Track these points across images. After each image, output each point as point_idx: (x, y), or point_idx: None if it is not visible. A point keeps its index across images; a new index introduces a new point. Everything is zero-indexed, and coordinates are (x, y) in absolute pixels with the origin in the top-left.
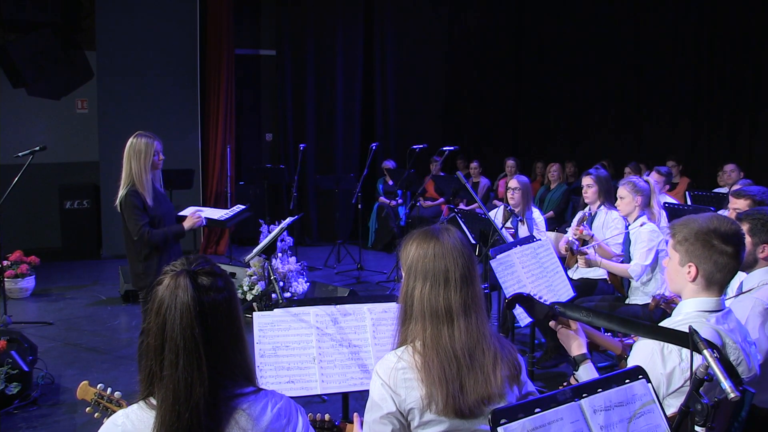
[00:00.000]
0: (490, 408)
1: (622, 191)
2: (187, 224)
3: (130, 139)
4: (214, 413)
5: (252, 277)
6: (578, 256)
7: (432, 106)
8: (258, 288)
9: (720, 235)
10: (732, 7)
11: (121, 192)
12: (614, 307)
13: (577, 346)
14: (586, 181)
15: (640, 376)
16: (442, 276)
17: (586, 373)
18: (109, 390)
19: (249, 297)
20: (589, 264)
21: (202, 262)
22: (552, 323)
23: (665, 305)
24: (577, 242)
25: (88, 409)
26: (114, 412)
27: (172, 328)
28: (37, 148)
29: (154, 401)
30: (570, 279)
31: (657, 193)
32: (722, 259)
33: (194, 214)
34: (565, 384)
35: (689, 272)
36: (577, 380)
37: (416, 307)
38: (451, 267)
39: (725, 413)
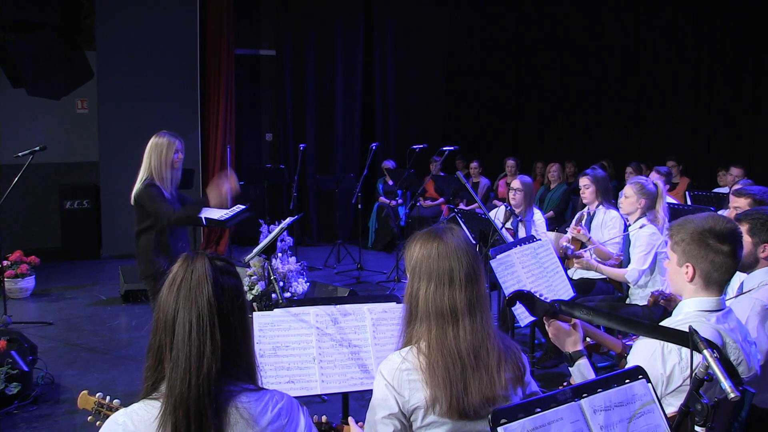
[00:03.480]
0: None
1: (628, 190)
2: (214, 191)
3: (153, 138)
4: (218, 395)
5: (252, 277)
6: (574, 260)
7: (432, 106)
8: (258, 288)
9: (715, 234)
10: (732, 7)
11: (138, 185)
12: (614, 307)
13: (572, 343)
14: (584, 181)
15: (640, 376)
16: (447, 276)
17: (581, 370)
18: (108, 398)
19: (249, 297)
20: (587, 267)
21: (214, 253)
22: (545, 318)
23: (665, 302)
24: (572, 247)
25: (89, 418)
26: None
27: (187, 298)
28: (37, 148)
29: (158, 394)
30: (570, 279)
31: (664, 197)
32: (719, 258)
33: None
34: (565, 384)
35: (687, 272)
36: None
37: (421, 308)
38: (456, 266)
39: (725, 413)
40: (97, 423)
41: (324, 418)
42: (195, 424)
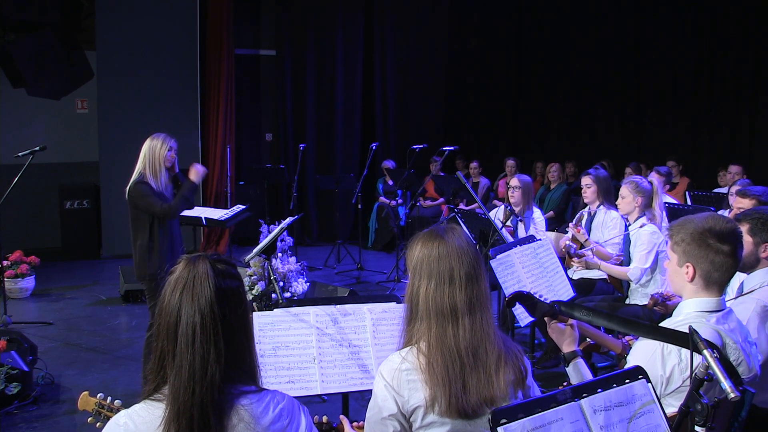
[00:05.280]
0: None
1: (624, 190)
2: (193, 176)
3: (148, 139)
4: (221, 400)
5: (252, 277)
6: (577, 259)
7: (432, 106)
8: (258, 288)
9: (715, 234)
10: (732, 7)
11: (130, 183)
12: (614, 307)
13: (567, 344)
14: (585, 181)
15: (640, 376)
16: (447, 275)
17: (577, 370)
18: (109, 399)
19: (249, 297)
20: (589, 266)
21: (216, 254)
22: (546, 318)
23: (662, 304)
24: (574, 246)
25: (90, 419)
26: None
27: (190, 305)
28: (37, 148)
29: (160, 395)
30: (570, 279)
31: (660, 194)
32: (719, 258)
33: (195, 165)
34: (565, 384)
35: (687, 272)
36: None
37: (421, 306)
38: (456, 266)
39: (725, 413)
40: (98, 424)
41: (324, 418)
42: (198, 430)
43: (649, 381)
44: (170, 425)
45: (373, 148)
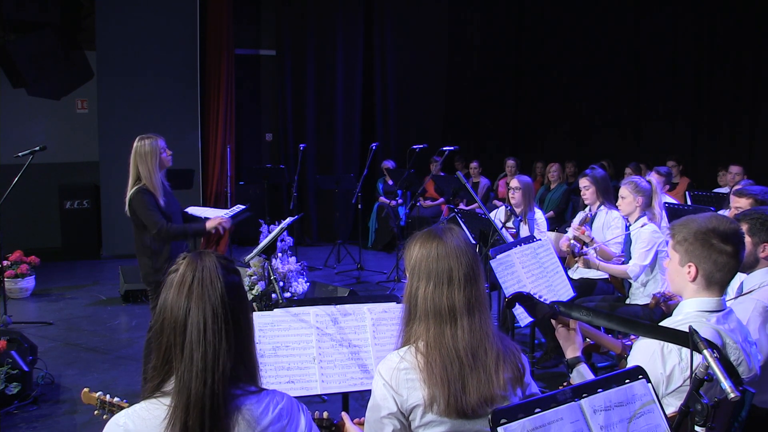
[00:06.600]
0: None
1: (624, 191)
2: (209, 225)
3: (135, 143)
4: (228, 396)
5: (252, 277)
6: (579, 258)
7: (432, 106)
8: (258, 288)
9: (719, 234)
10: (732, 7)
11: (130, 192)
12: (615, 308)
13: (571, 349)
14: (583, 182)
15: (640, 376)
16: (446, 275)
17: (580, 375)
18: (108, 396)
19: (249, 297)
20: (588, 265)
21: (214, 251)
22: (553, 321)
23: (664, 304)
24: (578, 245)
25: (96, 412)
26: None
27: (200, 297)
28: (37, 148)
29: (160, 394)
30: (570, 279)
31: (659, 193)
32: (722, 259)
33: (224, 221)
34: (565, 384)
35: (689, 272)
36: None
37: (420, 307)
38: (455, 266)
39: (725, 413)
40: (104, 417)
41: (325, 414)
42: (210, 422)
43: (649, 381)
44: (177, 418)
45: (373, 148)
